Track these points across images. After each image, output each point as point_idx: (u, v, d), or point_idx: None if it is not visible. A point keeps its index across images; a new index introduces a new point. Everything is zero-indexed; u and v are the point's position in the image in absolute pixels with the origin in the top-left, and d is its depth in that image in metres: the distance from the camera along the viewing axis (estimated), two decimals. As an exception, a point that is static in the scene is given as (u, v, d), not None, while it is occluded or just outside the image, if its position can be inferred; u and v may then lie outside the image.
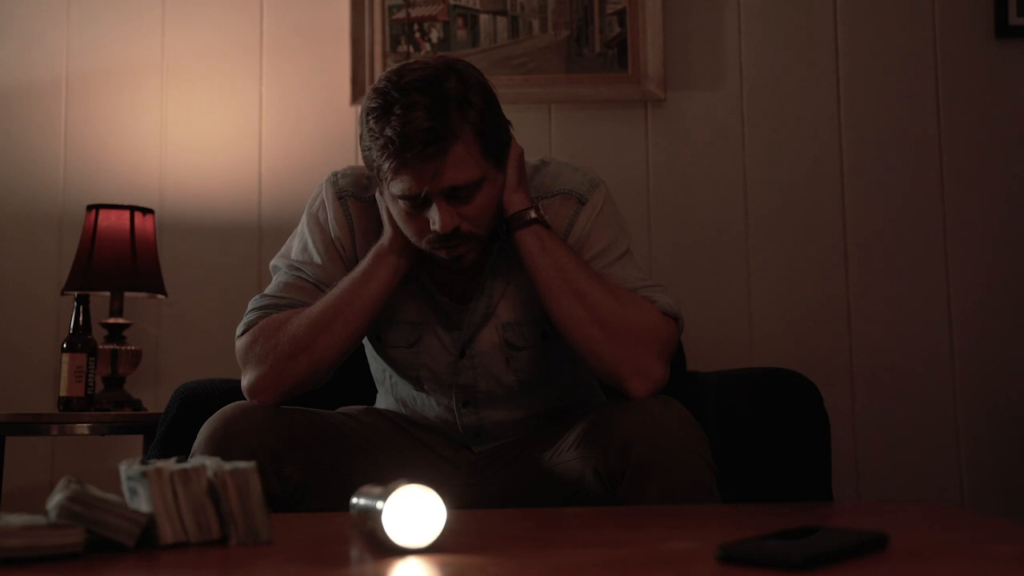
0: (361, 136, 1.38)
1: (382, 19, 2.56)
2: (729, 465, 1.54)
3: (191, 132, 2.57)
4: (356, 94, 2.53)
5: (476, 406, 1.55)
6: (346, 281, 1.44)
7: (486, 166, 1.37)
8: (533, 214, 1.42)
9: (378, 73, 2.53)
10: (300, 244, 1.53)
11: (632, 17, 2.56)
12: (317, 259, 1.50)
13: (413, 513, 0.90)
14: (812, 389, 1.71)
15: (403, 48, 2.55)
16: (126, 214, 2.32)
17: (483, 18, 2.56)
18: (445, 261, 1.42)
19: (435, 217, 1.35)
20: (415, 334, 1.53)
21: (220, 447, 1.31)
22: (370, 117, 1.35)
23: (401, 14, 2.56)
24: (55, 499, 0.88)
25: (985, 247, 2.53)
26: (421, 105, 1.31)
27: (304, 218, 1.55)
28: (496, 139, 1.39)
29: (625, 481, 1.31)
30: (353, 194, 1.52)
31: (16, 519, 0.85)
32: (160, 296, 2.38)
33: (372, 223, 1.49)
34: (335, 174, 1.55)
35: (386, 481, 0.94)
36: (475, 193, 1.37)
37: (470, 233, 1.39)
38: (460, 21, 2.56)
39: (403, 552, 0.90)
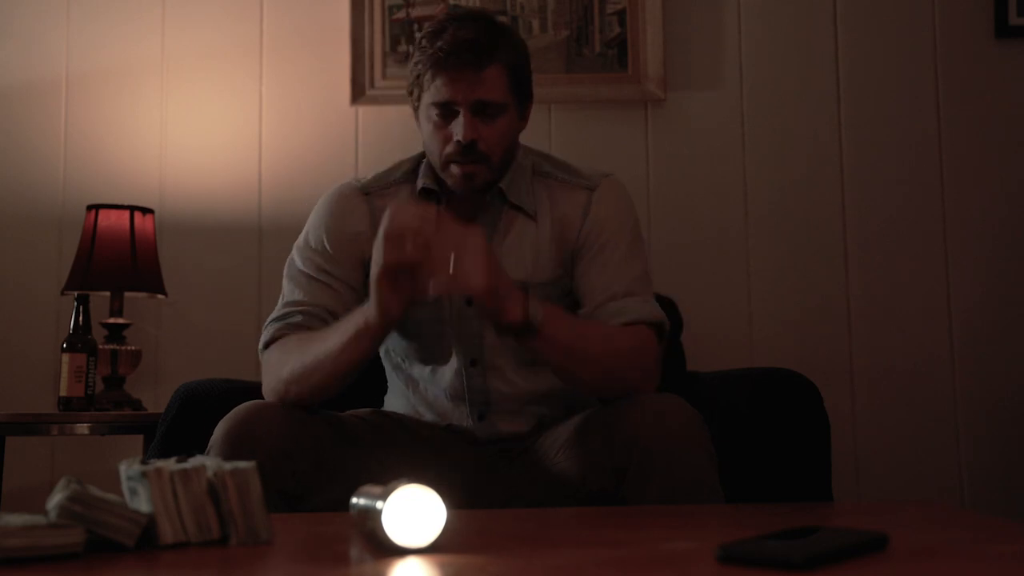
0: (411, 57, 1.55)
1: (382, 19, 2.56)
2: (729, 465, 1.54)
3: (191, 132, 2.57)
4: (356, 94, 2.53)
5: (483, 367, 1.57)
6: (327, 344, 1.42)
7: (511, 98, 1.53)
8: (526, 314, 1.37)
9: (378, 73, 2.54)
10: (315, 235, 1.60)
11: (632, 17, 2.56)
12: (329, 248, 1.58)
13: (413, 513, 0.90)
14: (812, 389, 1.71)
15: (403, 48, 2.55)
16: (126, 214, 2.32)
17: (483, 18, 2.56)
18: (457, 180, 1.52)
19: (458, 128, 1.49)
20: None
21: (236, 446, 1.33)
22: (424, 38, 1.51)
23: (401, 14, 2.56)
24: (55, 499, 0.88)
25: (985, 247, 2.53)
26: (471, 28, 1.49)
27: (321, 209, 1.63)
28: (524, 85, 1.57)
29: (629, 479, 1.32)
30: (377, 190, 1.63)
31: (16, 519, 0.85)
32: (160, 296, 2.38)
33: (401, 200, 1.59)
34: (355, 179, 1.67)
35: (387, 481, 0.94)
36: (498, 117, 1.51)
37: (484, 154, 1.51)
38: (460, 21, 2.56)
39: (403, 552, 0.90)
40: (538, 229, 1.59)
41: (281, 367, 1.47)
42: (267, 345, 1.53)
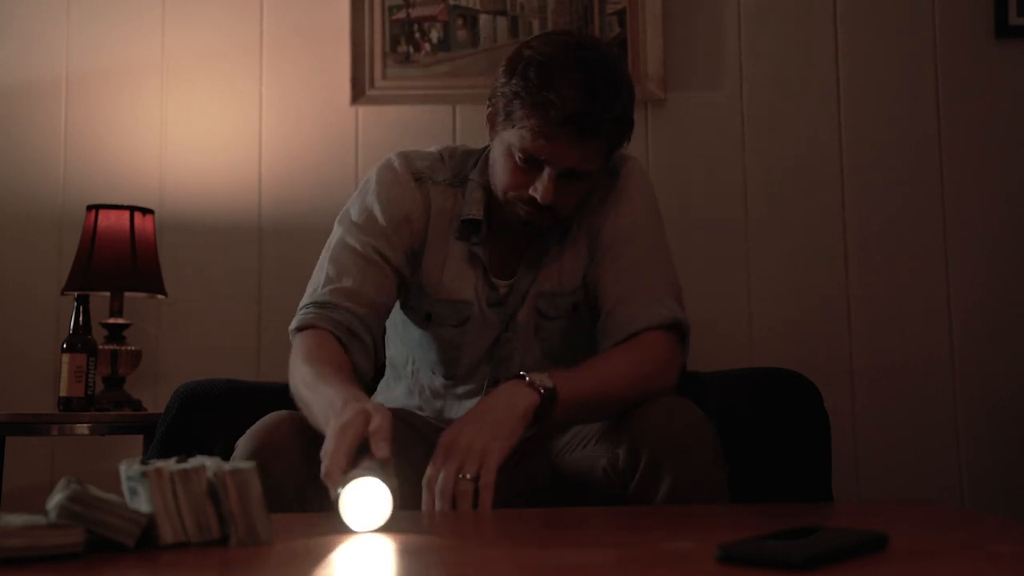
0: (509, 72, 1.41)
1: (382, 19, 2.56)
2: (729, 465, 1.54)
3: (191, 132, 2.57)
4: (356, 94, 2.53)
5: None
6: (311, 408, 1.31)
7: (602, 163, 1.46)
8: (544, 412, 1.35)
9: (378, 73, 2.54)
10: (366, 209, 1.51)
11: (632, 17, 2.56)
12: (384, 222, 1.50)
13: (366, 501, 1.03)
14: (812, 389, 1.71)
15: (403, 48, 2.55)
16: (126, 214, 2.32)
17: (483, 18, 2.56)
18: (517, 223, 1.47)
19: (541, 186, 1.41)
20: (465, 313, 1.54)
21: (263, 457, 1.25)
22: (531, 67, 1.38)
23: (401, 14, 2.56)
24: (55, 499, 0.88)
25: (985, 247, 2.53)
26: (586, 94, 1.36)
27: (372, 183, 1.53)
28: (619, 147, 1.49)
29: (637, 480, 1.32)
30: (430, 177, 1.54)
31: (16, 519, 0.85)
32: (160, 296, 2.38)
33: (448, 206, 1.53)
34: (403, 156, 1.55)
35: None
36: (584, 181, 1.45)
37: (558, 209, 1.44)
38: (460, 21, 2.56)
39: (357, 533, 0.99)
40: (568, 233, 1.55)
41: (295, 372, 1.38)
42: (300, 329, 1.43)
